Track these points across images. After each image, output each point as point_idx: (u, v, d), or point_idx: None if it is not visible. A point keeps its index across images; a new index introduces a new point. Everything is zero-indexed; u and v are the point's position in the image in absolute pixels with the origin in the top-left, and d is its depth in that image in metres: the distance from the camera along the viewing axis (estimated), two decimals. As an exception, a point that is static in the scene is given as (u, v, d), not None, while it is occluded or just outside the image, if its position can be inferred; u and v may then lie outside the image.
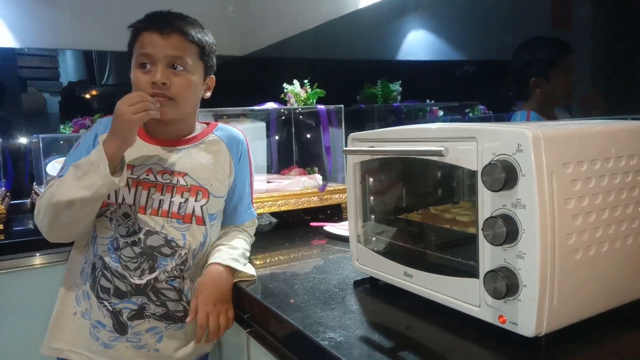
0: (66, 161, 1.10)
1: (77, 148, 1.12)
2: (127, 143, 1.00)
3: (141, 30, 1.08)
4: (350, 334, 0.79)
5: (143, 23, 1.10)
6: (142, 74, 1.07)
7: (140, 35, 1.08)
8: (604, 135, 0.74)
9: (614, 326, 0.76)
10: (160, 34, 1.06)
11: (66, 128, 2.07)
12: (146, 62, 1.07)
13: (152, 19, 1.10)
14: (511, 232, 0.67)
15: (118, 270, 1.07)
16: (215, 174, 1.17)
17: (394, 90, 1.80)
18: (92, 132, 1.13)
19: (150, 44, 1.06)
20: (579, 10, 1.28)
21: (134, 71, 1.08)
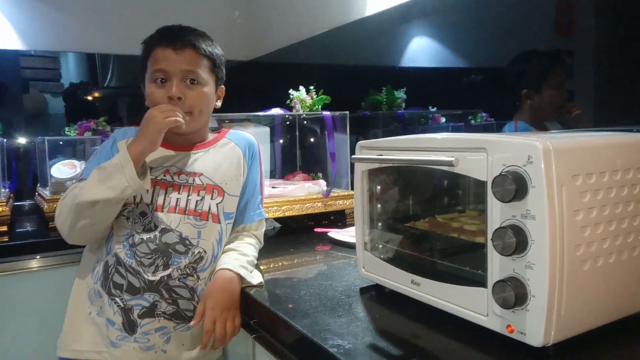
0: (86, 167, 1.14)
1: (96, 155, 1.16)
2: (153, 146, 1.05)
3: (154, 46, 1.12)
4: (358, 341, 0.79)
5: (156, 39, 1.13)
6: (158, 88, 1.10)
7: (154, 51, 1.11)
8: (612, 147, 0.74)
9: (621, 336, 0.76)
10: (174, 49, 1.10)
11: (71, 130, 2.07)
12: (161, 77, 1.10)
13: (164, 34, 1.13)
14: (521, 243, 0.68)
15: (132, 266, 1.08)
16: (230, 172, 1.20)
17: (399, 98, 1.81)
18: (111, 139, 1.18)
19: (164, 60, 1.10)
20: (582, 20, 1.29)
21: (149, 86, 1.12)
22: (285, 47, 2.49)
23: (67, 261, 1.69)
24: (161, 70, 1.10)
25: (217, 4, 2.78)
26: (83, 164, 1.94)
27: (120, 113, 2.77)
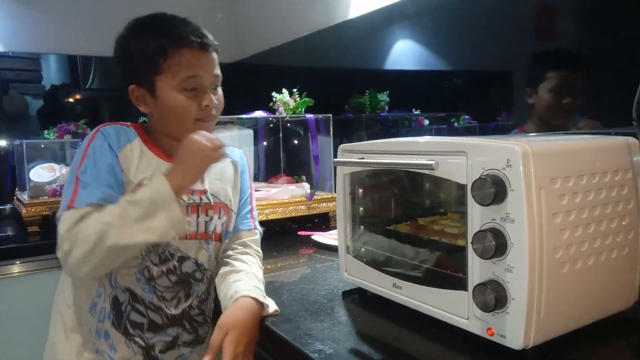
0: (82, 180, 0.90)
1: (92, 167, 0.92)
2: (197, 180, 0.94)
3: (180, 46, 0.94)
4: (339, 346, 0.79)
5: (179, 37, 0.94)
6: (189, 98, 0.96)
7: (181, 52, 0.94)
8: (590, 150, 0.75)
9: (600, 337, 0.77)
10: (205, 52, 0.96)
11: (50, 133, 2.04)
12: (196, 86, 0.96)
13: (188, 31, 0.95)
14: (500, 246, 0.68)
15: (153, 302, 0.99)
16: (229, 187, 1.10)
17: (382, 100, 1.81)
18: (104, 148, 0.94)
19: (198, 65, 0.95)
20: (562, 24, 1.31)
21: (176, 96, 0.95)
22: (268, 50, 2.48)
23: (44, 267, 1.66)
24: (196, 77, 0.95)
25: (200, 5, 2.75)
26: (63, 167, 1.91)
27: (102, 115, 2.73)
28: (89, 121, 2.18)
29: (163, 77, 0.94)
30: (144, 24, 0.98)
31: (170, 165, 0.93)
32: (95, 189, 0.89)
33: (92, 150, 0.94)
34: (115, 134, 0.98)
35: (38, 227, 1.79)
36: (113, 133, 0.97)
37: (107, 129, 0.98)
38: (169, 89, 0.95)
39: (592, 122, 1.22)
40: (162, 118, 0.99)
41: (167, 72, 0.94)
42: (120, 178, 0.94)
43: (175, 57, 0.94)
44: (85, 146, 0.94)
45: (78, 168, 0.91)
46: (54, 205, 1.80)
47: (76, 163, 0.93)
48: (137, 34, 0.97)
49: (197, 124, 0.97)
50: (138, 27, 0.98)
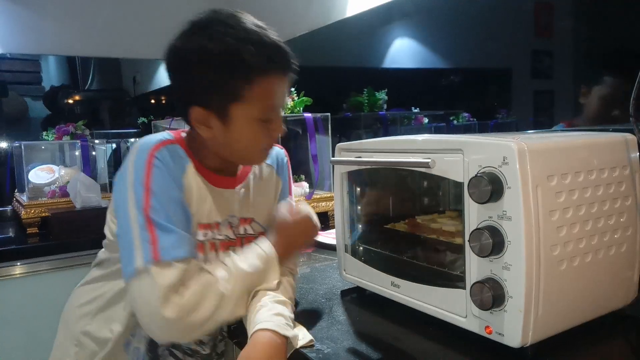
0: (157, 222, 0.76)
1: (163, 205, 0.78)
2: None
3: (269, 71, 0.80)
4: (338, 345, 0.78)
5: (268, 58, 0.79)
6: (263, 128, 0.83)
7: (268, 80, 0.80)
8: (587, 147, 0.75)
9: (598, 335, 0.77)
10: (287, 76, 0.84)
11: (49, 135, 2.04)
12: (272, 117, 0.84)
13: (277, 52, 0.81)
14: (497, 244, 0.68)
15: (190, 347, 0.93)
16: (272, 207, 0.99)
17: (380, 99, 1.81)
18: (167, 180, 0.80)
19: (280, 93, 0.84)
20: (560, 21, 1.30)
21: (252, 124, 0.82)
22: (267, 49, 2.47)
23: (45, 268, 1.66)
24: (275, 107, 0.84)
25: (197, 5, 2.75)
26: (61, 168, 1.91)
27: (101, 116, 2.73)
28: (87, 122, 2.18)
29: (242, 105, 0.80)
30: (220, 33, 0.78)
31: (219, 190, 0.88)
32: (179, 238, 0.77)
33: (156, 183, 0.78)
34: (172, 160, 0.83)
35: (37, 228, 1.79)
36: (169, 159, 0.82)
37: (162, 153, 0.82)
38: (246, 118, 0.81)
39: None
40: (227, 144, 0.85)
41: (249, 101, 0.80)
42: (189, 214, 0.82)
43: (261, 85, 0.79)
44: (144, 177, 0.78)
45: (146, 206, 0.76)
46: (52, 207, 1.80)
47: (139, 198, 0.77)
48: (212, 48, 0.78)
49: (263, 152, 0.89)
50: (212, 36, 0.78)
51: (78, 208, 1.76)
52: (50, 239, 1.72)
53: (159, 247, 0.75)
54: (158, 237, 0.75)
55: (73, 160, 2.06)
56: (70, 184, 1.80)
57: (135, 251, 0.75)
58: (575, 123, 1.24)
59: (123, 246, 0.78)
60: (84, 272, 1.54)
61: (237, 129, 0.82)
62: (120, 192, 0.81)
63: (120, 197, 0.80)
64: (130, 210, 0.77)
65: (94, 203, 1.76)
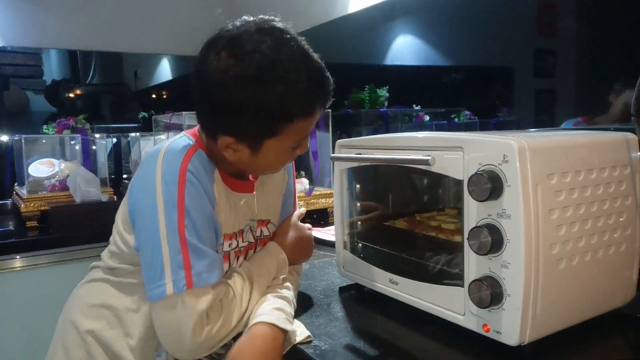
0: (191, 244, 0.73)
1: (196, 223, 0.74)
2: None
3: (319, 103, 0.77)
4: (335, 342, 0.78)
5: (311, 101, 0.75)
6: (292, 154, 0.82)
7: (312, 114, 0.76)
8: (588, 146, 0.74)
9: (597, 334, 0.77)
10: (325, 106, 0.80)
11: (49, 128, 2.04)
12: (302, 144, 0.82)
13: (325, 88, 0.77)
14: (496, 242, 0.68)
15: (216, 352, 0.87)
16: (280, 198, 0.99)
17: (381, 96, 1.81)
18: (201, 196, 0.76)
19: (315, 121, 0.80)
20: (563, 20, 1.30)
21: (283, 153, 0.80)
22: (268, 45, 2.46)
23: (45, 262, 1.66)
24: (307, 135, 0.81)
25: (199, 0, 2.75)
26: (62, 162, 1.91)
27: (102, 110, 2.73)
28: (88, 116, 2.18)
29: (277, 139, 0.76)
30: (269, 72, 0.71)
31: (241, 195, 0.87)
32: (211, 261, 0.75)
33: (190, 201, 0.74)
34: (204, 169, 0.79)
35: (37, 222, 1.79)
36: (202, 169, 0.78)
37: (194, 164, 0.77)
38: (278, 149, 0.78)
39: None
40: (252, 166, 0.83)
41: (285, 135, 0.76)
42: (218, 230, 0.81)
43: (300, 123, 0.75)
44: (176, 194, 0.73)
45: (180, 227, 0.72)
46: (52, 200, 1.80)
47: (172, 218, 0.73)
48: (258, 91, 0.71)
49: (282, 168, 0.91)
50: (260, 77, 0.71)
51: (78, 202, 1.76)
52: (50, 232, 1.72)
53: (193, 274, 0.72)
54: (192, 262, 0.72)
55: (73, 154, 2.06)
56: (70, 178, 1.80)
57: (166, 275, 0.71)
58: (597, 120, 1.21)
59: (149, 265, 0.74)
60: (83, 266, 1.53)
61: (266, 156, 0.79)
62: (145, 206, 0.75)
63: (146, 212, 0.75)
64: (161, 230, 0.72)
65: (93, 197, 1.76)
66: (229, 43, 0.73)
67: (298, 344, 0.78)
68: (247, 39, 0.72)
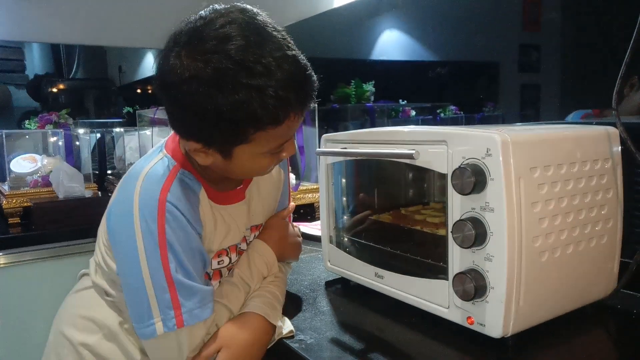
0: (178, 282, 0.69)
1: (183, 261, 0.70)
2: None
3: (290, 109, 0.67)
4: (320, 335, 0.78)
5: (294, 97, 0.66)
6: (271, 160, 0.75)
7: (285, 120, 0.68)
8: (570, 140, 0.75)
9: (579, 325, 0.78)
10: (307, 109, 0.73)
11: (31, 123, 2.00)
12: (285, 148, 0.75)
13: (304, 88, 0.69)
14: (480, 235, 0.68)
15: None
16: (275, 200, 0.95)
17: (367, 90, 1.81)
18: (184, 229, 0.71)
19: (296, 127, 0.72)
20: (548, 15, 1.31)
21: (259, 159, 0.73)
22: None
23: (28, 259, 1.63)
24: (289, 140, 0.74)
25: (185, -6, 2.73)
26: (44, 158, 1.88)
27: (86, 105, 2.70)
28: (71, 111, 2.15)
29: (248, 145, 0.69)
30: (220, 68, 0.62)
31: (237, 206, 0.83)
32: (202, 296, 0.71)
33: (172, 237, 0.69)
34: (185, 196, 0.72)
35: (19, 218, 1.76)
36: (182, 196, 0.72)
37: (174, 193, 0.71)
38: (252, 155, 0.71)
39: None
40: (230, 172, 0.76)
41: (257, 141, 0.69)
42: (206, 259, 0.77)
43: (275, 129, 0.68)
44: (156, 231, 0.68)
45: (165, 266, 0.68)
46: (35, 196, 1.77)
47: (154, 256, 0.68)
48: (219, 93, 0.63)
49: (269, 171, 0.82)
50: (221, 79, 0.63)
51: (61, 198, 1.74)
52: (33, 229, 1.69)
53: (183, 312, 0.69)
54: (181, 301, 0.69)
55: (56, 149, 2.03)
56: (52, 174, 1.78)
57: (154, 315, 0.68)
58: (607, 113, 1.14)
59: (134, 303, 0.71)
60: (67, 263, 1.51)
61: (241, 163, 0.72)
62: (124, 242, 0.71)
63: (126, 250, 0.70)
64: (144, 270, 0.68)
65: (76, 193, 1.74)
66: (189, 40, 0.65)
67: (281, 338, 0.78)
68: (209, 36, 0.64)
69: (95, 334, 0.83)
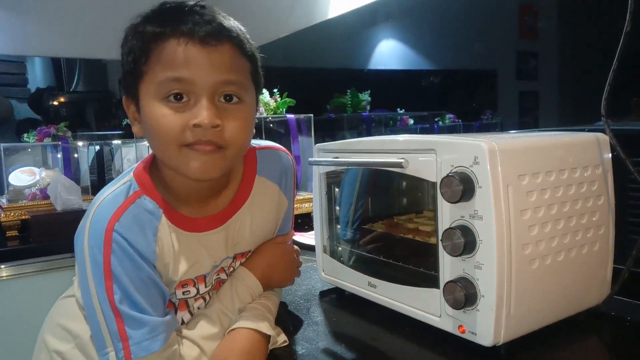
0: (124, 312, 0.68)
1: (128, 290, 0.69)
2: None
3: (164, 37, 0.67)
4: (313, 346, 0.78)
5: (165, 23, 0.67)
6: (174, 111, 0.67)
7: (165, 46, 0.67)
8: (559, 147, 0.75)
9: (571, 333, 0.77)
10: (203, 45, 0.67)
11: (30, 137, 2.02)
12: (180, 93, 0.67)
13: (180, 17, 0.67)
14: (469, 243, 0.68)
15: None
16: (271, 228, 0.89)
17: (363, 100, 1.81)
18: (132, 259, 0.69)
19: (187, 62, 0.66)
20: (545, 22, 1.31)
21: (156, 106, 0.68)
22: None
23: (30, 271, 1.63)
24: (180, 81, 0.66)
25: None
26: (42, 171, 1.89)
27: (87, 118, 2.71)
28: (72, 124, 2.16)
29: (144, 81, 0.69)
30: (140, 16, 0.71)
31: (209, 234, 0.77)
32: (152, 327, 0.69)
33: (118, 268, 0.68)
34: (137, 225, 0.70)
35: (17, 231, 1.77)
36: (133, 225, 0.70)
37: (124, 224, 0.69)
38: (149, 96, 0.68)
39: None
40: (148, 140, 0.74)
41: (147, 75, 0.68)
42: (162, 289, 0.73)
43: (156, 54, 0.67)
44: (102, 262, 0.68)
45: (110, 297, 0.67)
46: (33, 209, 1.78)
47: (100, 285, 0.68)
48: (128, 30, 0.71)
49: (184, 152, 0.69)
50: (133, 21, 0.72)
51: (59, 210, 1.74)
52: (30, 241, 1.70)
53: (131, 344, 0.67)
54: (128, 332, 0.67)
55: (55, 162, 2.04)
56: (50, 186, 1.78)
57: (107, 342, 0.68)
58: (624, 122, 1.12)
59: (92, 329, 0.71)
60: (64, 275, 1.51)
61: (145, 114, 0.69)
62: (79, 267, 0.71)
63: (80, 274, 0.70)
64: (94, 299, 0.68)
65: (74, 205, 1.75)
66: None
67: (274, 348, 0.78)
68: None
69: (69, 342, 0.82)
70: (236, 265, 0.85)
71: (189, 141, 0.68)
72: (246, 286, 0.82)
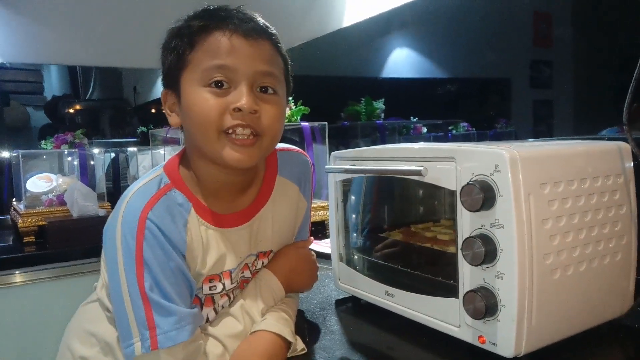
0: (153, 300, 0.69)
1: (159, 279, 0.70)
2: None
3: (210, 29, 0.72)
4: (330, 355, 0.78)
5: (212, 19, 0.73)
6: (215, 96, 0.71)
7: (210, 37, 0.72)
8: (581, 155, 0.74)
9: (594, 344, 0.76)
10: (246, 38, 0.72)
11: (47, 144, 2.04)
12: (221, 79, 0.71)
13: (226, 14, 0.74)
14: (490, 252, 0.67)
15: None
16: (295, 226, 0.92)
17: (377, 108, 1.82)
18: (164, 248, 0.71)
19: (231, 52, 0.71)
20: (559, 30, 1.31)
21: (198, 90, 0.72)
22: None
23: (44, 277, 1.65)
24: (224, 68, 0.71)
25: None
26: (59, 177, 1.91)
27: (102, 125, 2.74)
28: (87, 131, 2.18)
29: (187, 71, 0.73)
30: (182, 19, 0.77)
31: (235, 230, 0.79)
32: (180, 318, 0.69)
33: (150, 255, 0.69)
34: (170, 215, 0.73)
35: (34, 237, 1.78)
36: (166, 215, 0.72)
37: (157, 212, 0.71)
38: (191, 83, 0.72)
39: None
40: (187, 129, 0.77)
41: (192, 64, 0.72)
42: (190, 281, 0.74)
43: (205, 45, 0.72)
44: (135, 248, 0.69)
45: (140, 283, 0.68)
46: (50, 215, 1.80)
47: (131, 271, 0.69)
48: (171, 31, 0.77)
49: (222, 139, 0.72)
50: (175, 24, 0.77)
51: (75, 217, 1.76)
52: (47, 247, 1.71)
53: (158, 333, 0.68)
54: (156, 321, 0.68)
55: (72, 169, 2.06)
56: (67, 193, 1.80)
57: (134, 334, 0.68)
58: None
59: (118, 321, 0.71)
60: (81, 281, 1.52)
61: (186, 99, 0.73)
62: (109, 257, 0.72)
63: (110, 265, 0.72)
64: (123, 286, 0.69)
65: (91, 212, 1.76)
66: None
67: (291, 357, 0.78)
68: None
69: (94, 347, 0.83)
70: (259, 265, 0.86)
71: (227, 125, 0.71)
72: (270, 288, 0.83)
